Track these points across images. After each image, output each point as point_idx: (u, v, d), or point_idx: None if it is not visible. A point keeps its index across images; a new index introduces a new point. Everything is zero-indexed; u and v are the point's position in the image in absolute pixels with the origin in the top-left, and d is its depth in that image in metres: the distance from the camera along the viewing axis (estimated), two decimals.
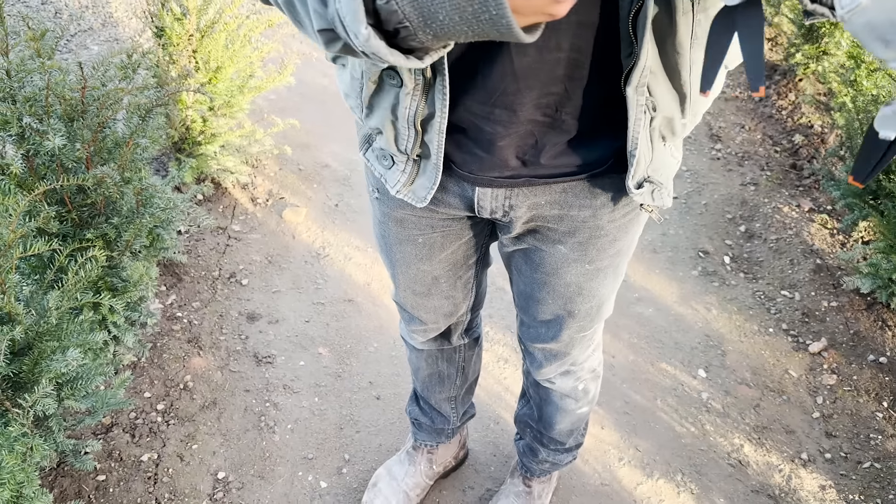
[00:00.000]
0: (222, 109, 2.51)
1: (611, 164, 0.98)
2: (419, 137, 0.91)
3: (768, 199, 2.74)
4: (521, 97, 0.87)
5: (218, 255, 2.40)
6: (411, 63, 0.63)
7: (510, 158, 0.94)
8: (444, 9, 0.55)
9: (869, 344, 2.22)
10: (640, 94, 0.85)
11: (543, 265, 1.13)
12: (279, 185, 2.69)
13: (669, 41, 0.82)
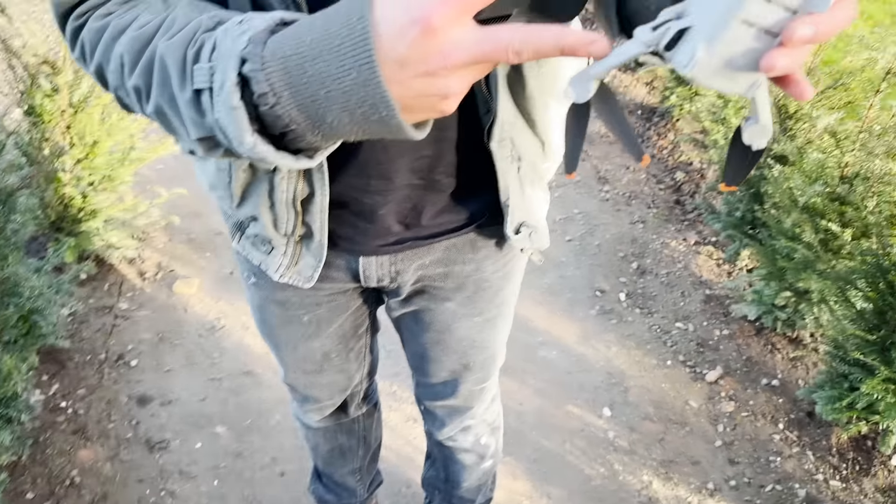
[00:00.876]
0: (103, 184, 2.41)
1: (488, 216, 1.00)
2: (300, 218, 0.90)
3: (657, 235, 2.85)
4: (394, 165, 0.87)
5: (104, 337, 2.28)
6: (301, 164, 0.60)
7: (392, 225, 0.95)
8: (332, 111, 0.53)
9: (761, 368, 2.31)
10: (504, 147, 0.88)
11: (434, 324, 1.13)
12: (169, 256, 2.59)
13: (522, 93, 0.85)
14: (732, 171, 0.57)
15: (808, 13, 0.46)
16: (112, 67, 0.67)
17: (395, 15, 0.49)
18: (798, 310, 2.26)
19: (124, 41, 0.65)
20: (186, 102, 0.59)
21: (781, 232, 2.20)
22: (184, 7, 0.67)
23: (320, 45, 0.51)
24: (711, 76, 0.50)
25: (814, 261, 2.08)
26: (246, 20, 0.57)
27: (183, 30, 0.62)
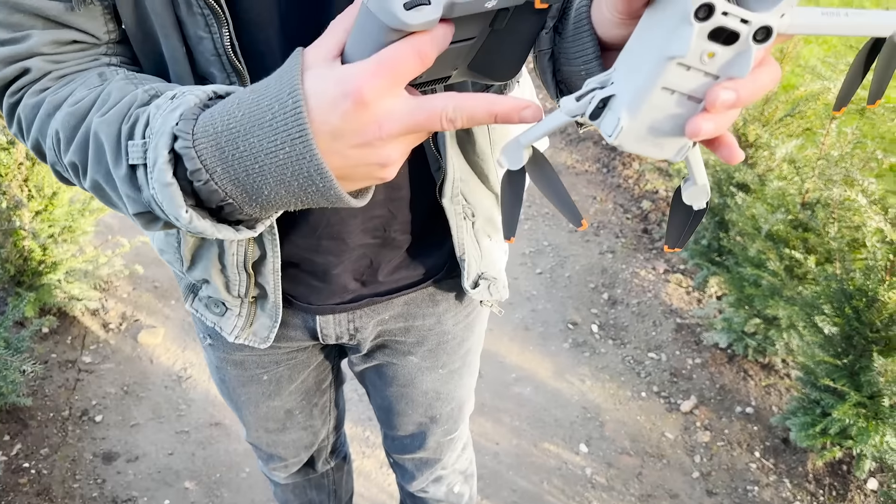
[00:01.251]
0: (63, 235, 2.37)
1: (446, 269, 0.99)
2: (252, 280, 0.88)
3: (626, 264, 2.86)
4: (347, 226, 0.86)
5: (68, 393, 2.21)
6: (242, 234, 0.59)
7: (348, 283, 0.93)
8: (267, 184, 0.52)
9: (735, 396, 2.31)
10: (457, 203, 0.88)
11: (398, 378, 1.11)
12: (133, 306, 2.54)
13: (472, 150, 0.85)
14: (675, 232, 0.57)
15: (729, 78, 0.46)
16: (48, 144, 0.66)
17: (327, 88, 0.49)
18: (768, 336, 2.27)
19: (59, 117, 0.64)
20: (122, 178, 0.59)
21: (747, 259, 2.22)
22: (119, 81, 0.66)
23: (252, 120, 0.51)
24: (637, 143, 0.50)
25: (780, 287, 2.09)
26: (178, 95, 0.57)
27: (117, 105, 0.61)
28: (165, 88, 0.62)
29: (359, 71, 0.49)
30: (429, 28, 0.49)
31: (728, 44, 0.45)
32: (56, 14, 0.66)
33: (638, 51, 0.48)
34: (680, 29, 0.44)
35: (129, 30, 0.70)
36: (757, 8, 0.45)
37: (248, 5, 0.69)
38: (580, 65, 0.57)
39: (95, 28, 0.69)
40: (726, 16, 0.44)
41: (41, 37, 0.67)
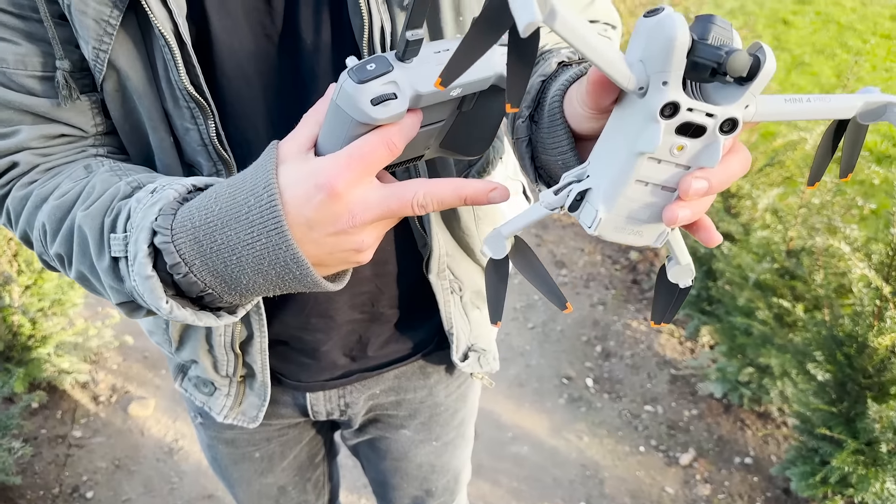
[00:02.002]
0: (52, 309, 2.36)
1: (436, 342, 0.99)
2: (240, 360, 0.88)
3: (617, 316, 2.87)
4: (334, 303, 0.86)
5: (58, 469, 2.17)
6: (224, 320, 0.61)
7: (338, 359, 0.93)
8: (245, 274, 0.54)
9: (733, 447, 2.29)
10: (443, 278, 0.88)
11: (391, 451, 1.10)
12: (123, 377, 2.52)
13: (457, 225, 0.86)
14: (661, 308, 0.59)
15: (700, 168, 0.48)
16: (36, 235, 0.68)
17: (300, 181, 0.51)
18: (762, 385, 2.27)
19: (46, 210, 0.66)
20: (105, 270, 0.61)
21: (737, 308, 2.23)
22: (103, 173, 0.67)
23: (229, 214, 0.53)
24: (617, 233, 0.52)
25: (771, 336, 2.10)
26: (159, 189, 0.59)
27: (101, 197, 0.63)
28: (148, 180, 0.64)
29: (331, 164, 0.51)
30: (397, 120, 0.51)
31: (696, 136, 0.47)
32: (44, 110, 0.69)
33: (610, 146, 0.50)
34: (648, 126, 0.46)
35: (117, 122, 0.72)
36: (721, 101, 0.46)
37: (234, 98, 0.71)
38: (556, 155, 0.59)
39: (83, 122, 0.71)
40: (692, 111, 0.45)
41: (30, 132, 0.69)
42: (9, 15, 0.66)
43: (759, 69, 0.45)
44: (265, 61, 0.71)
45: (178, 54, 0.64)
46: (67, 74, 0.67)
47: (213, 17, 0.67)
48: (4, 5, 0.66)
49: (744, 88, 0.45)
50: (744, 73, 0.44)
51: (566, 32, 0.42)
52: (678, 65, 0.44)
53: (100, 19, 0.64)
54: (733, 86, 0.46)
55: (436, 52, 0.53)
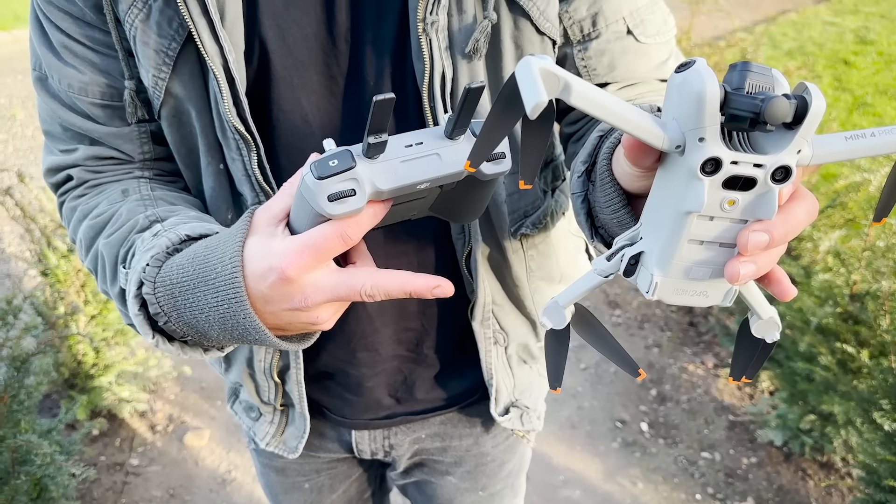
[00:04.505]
0: (115, 338, 2.44)
1: (482, 392, 0.97)
2: (280, 388, 0.89)
3: (673, 359, 2.81)
4: (380, 336, 0.87)
5: (115, 497, 2.22)
6: (212, 355, 0.67)
7: (382, 398, 0.93)
8: (213, 330, 0.60)
9: (794, 497, 2.20)
10: (487, 327, 0.87)
11: (437, 497, 1.09)
12: (180, 407, 2.57)
13: (507, 275, 0.84)
14: (742, 363, 0.55)
15: (758, 220, 0.45)
16: (77, 245, 0.77)
17: (261, 258, 0.56)
18: (825, 433, 2.18)
19: (84, 227, 0.74)
20: (115, 295, 0.69)
21: (798, 353, 2.16)
22: (133, 202, 0.74)
23: (200, 277, 0.59)
24: (678, 296, 0.49)
25: (834, 382, 2.03)
26: (160, 233, 0.66)
27: (122, 228, 0.71)
28: (166, 214, 0.71)
29: (287, 250, 0.55)
30: (354, 214, 0.53)
31: (747, 189, 0.44)
32: (99, 135, 0.76)
33: (658, 206, 0.48)
34: (691, 184, 0.44)
35: (174, 146, 0.77)
36: (771, 148, 0.44)
37: (289, 132, 0.74)
38: (610, 213, 0.58)
39: (131, 149, 0.78)
40: (736, 164, 0.43)
41: (85, 151, 0.78)
42: (80, 45, 0.73)
43: (807, 111, 0.42)
44: (326, 101, 0.74)
45: (226, 89, 0.68)
46: (133, 93, 0.72)
47: (273, 55, 0.71)
48: (77, 36, 0.72)
49: (793, 133, 0.43)
50: (786, 120, 0.42)
51: (584, 104, 0.42)
52: (712, 119, 0.42)
53: (160, 50, 0.68)
54: (782, 131, 0.44)
55: (406, 145, 0.54)
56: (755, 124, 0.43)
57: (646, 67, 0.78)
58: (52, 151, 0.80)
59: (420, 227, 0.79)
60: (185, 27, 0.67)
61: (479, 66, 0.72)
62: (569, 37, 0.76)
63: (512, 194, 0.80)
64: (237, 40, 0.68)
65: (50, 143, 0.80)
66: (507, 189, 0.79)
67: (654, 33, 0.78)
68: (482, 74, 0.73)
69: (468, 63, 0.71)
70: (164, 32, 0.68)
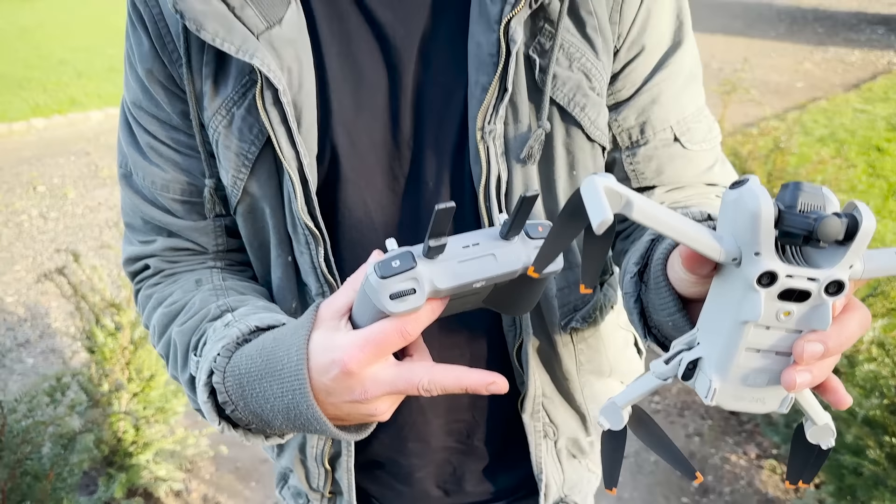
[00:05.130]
0: (155, 416, 2.46)
1: (531, 486, 0.96)
2: (330, 476, 0.91)
3: (715, 448, 2.74)
4: (431, 427, 0.88)
5: None
6: (273, 441, 0.71)
7: (431, 489, 0.93)
8: (277, 419, 0.63)
9: None
10: (537, 420, 0.88)
11: None
12: (215, 487, 2.57)
13: (557, 368, 0.86)
14: (798, 468, 0.56)
15: (812, 330, 0.47)
16: (150, 331, 0.81)
17: (324, 351, 0.59)
18: None
19: (157, 315, 0.79)
20: (185, 382, 0.73)
21: (844, 446, 2.10)
22: (205, 291, 0.79)
23: (268, 368, 0.62)
24: (736, 401, 0.51)
25: (884, 477, 1.96)
26: (231, 323, 0.70)
27: (194, 317, 0.75)
28: (236, 304, 0.75)
29: (349, 344, 0.58)
30: (414, 312, 0.57)
31: (801, 300, 0.46)
32: (177, 228, 0.82)
33: (716, 313, 0.50)
34: (748, 295, 0.46)
35: (247, 239, 0.82)
36: (824, 263, 0.46)
37: (352, 227, 0.79)
38: (665, 316, 0.61)
39: (206, 242, 0.83)
40: (791, 278, 0.45)
41: (163, 243, 0.83)
42: (165, 146, 0.79)
43: (858, 229, 0.45)
44: (388, 199, 0.78)
45: (299, 190, 0.73)
46: (213, 191, 0.77)
47: (343, 158, 0.76)
48: (163, 138, 0.78)
49: (844, 249, 0.45)
50: (838, 238, 0.44)
51: (645, 219, 0.45)
52: (767, 236, 0.45)
53: (240, 153, 0.74)
54: (834, 246, 0.46)
55: (464, 246, 0.58)
56: (808, 241, 0.45)
57: (692, 172, 0.82)
58: (131, 242, 0.85)
59: (473, 319, 0.82)
60: (265, 133, 0.72)
61: (532, 170, 0.76)
62: (618, 142, 0.80)
63: (562, 289, 0.83)
64: (311, 145, 0.74)
65: (130, 234, 0.85)
66: (558, 284, 0.82)
67: (700, 140, 0.81)
68: (535, 178, 0.77)
69: (522, 167, 0.75)
70: (245, 137, 0.73)
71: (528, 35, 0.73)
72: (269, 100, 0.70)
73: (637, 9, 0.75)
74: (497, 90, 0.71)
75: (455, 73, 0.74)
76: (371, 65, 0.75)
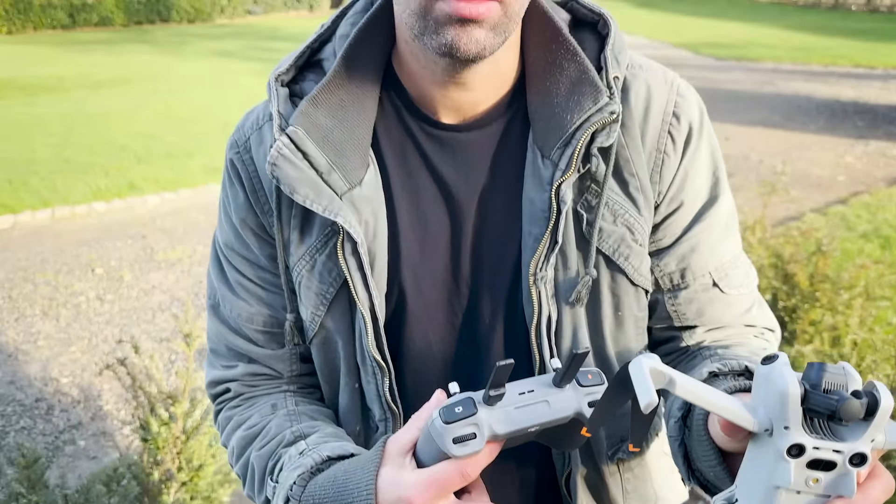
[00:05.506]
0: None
1: None
2: None
3: None
4: None
5: None
6: None
7: None
8: None
9: None
10: None
11: None
12: None
13: (605, 497, 0.91)
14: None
15: (839, 496, 0.53)
16: (228, 451, 0.89)
17: (391, 487, 0.66)
18: None
19: (237, 437, 0.87)
20: (261, 503, 0.80)
21: None
22: (280, 416, 0.87)
23: (339, 499, 0.69)
24: None
25: None
26: (306, 451, 0.77)
27: (271, 442, 0.83)
28: (309, 430, 0.83)
29: (414, 482, 0.64)
30: (474, 455, 0.63)
31: (828, 470, 0.52)
32: (256, 356, 0.91)
33: (751, 475, 0.56)
34: (779, 464, 0.53)
35: (319, 368, 0.90)
36: (848, 436, 0.53)
37: (415, 358, 0.87)
38: (707, 467, 0.67)
39: (282, 368, 0.92)
40: (818, 450, 0.52)
41: (243, 369, 0.92)
42: (252, 283, 0.89)
43: (878, 407, 0.51)
44: (448, 333, 0.86)
45: (370, 326, 0.81)
46: (292, 324, 0.86)
47: (409, 297, 0.85)
48: (251, 276, 0.88)
49: (866, 425, 0.51)
50: (859, 418, 0.51)
51: (686, 395, 0.53)
52: (795, 412, 0.52)
53: (319, 293, 0.83)
54: (857, 422, 0.52)
55: (520, 392, 0.65)
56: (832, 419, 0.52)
57: (731, 314, 0.88)
58: (214, 366, 0.94)
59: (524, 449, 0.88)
60: (342, 277, 0.82)
61: (580, 311, 0.84)
62: (660, 285, 0.88)
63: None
64: (381, 285, 0.83)
65: (214, 358, 0.95)
66: None
67: (738, 285, 0.88)
68: (583, 318, 0.84)
69: (571, 308, 0.83)
70: (325, 280, 0.83)
71: (576, 193, 0.81)
72: (348, 250, 0.79)
73: (675, 170, 0.84)
74: (548, 241, 0.79)
75: (510, 223, 0.83)
76: (436, 215, 0.84)
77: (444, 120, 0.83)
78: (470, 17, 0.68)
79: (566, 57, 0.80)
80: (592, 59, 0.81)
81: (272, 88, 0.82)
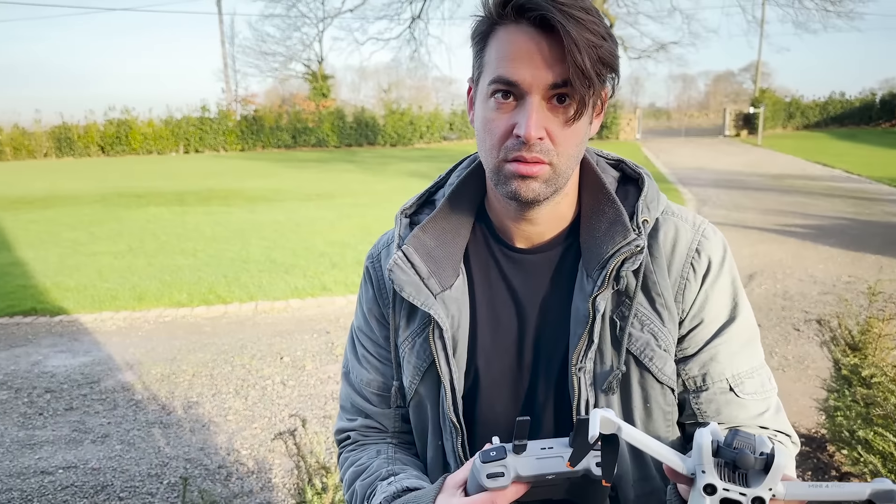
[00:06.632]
0: None
1: None
2: None
3: None
4: None
5: None
6: None
7: None
8: None
9: None
10: None
11: None
12: None
13: None
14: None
15: None
16: (343, 483, 1.17)
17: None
18: None
19: (349, 472, 1.16)
20: None
21: None
22: (381, 459, 1.15)
23: None
24: None
25: None
26: (392, 482, 1.05)
27: (371, 476, 1.11)
28: (398, 470, 1.10)
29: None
30: (502, 489, 0.86)
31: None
32: (371, 413, 1.20)
33: None
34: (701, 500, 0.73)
35: (414, 425, 1.19)
36: (753, 484, 0.72)
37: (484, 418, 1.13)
38: None
39: (388, 424, 1.21)
40: (728, 491, 0.71)
41: (361, 422, 1.21)
42: (372, 356, 1.21)
43: (773, 462, 0.70)
44: (511, 407, 1.12)
45: (450, 395, 1.09)
46: (397, 389, 1.16)
47: (482, 375, 1.12)
48: (372, 351, 1.20)
49: (765, 476, 0.71)
50: (755, 468, 0.70)
51: (631, 440, 0.75)
52: (708, 460, 0.72)
53: (416, 366, 1.13)
54: (761, 474, 0.71)
55: (542, 447, 0.88)
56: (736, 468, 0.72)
57: (745, 416, 1.06)
58: (341, 418, 1.26)
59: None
60: (432, 356, 1.11)
61: (614, 398, 1.06)
62: (686, 387, 1.08)
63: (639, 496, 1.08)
64: (461, 365, 1.11)
65: (342, 413, 1.26)
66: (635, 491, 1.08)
67: (752, 392, 1.07)
68: (616, 404, 1.06)
69: (605, 396, 1.06)
70: (420, 356, 1.13)
71: (613, 304, 1.06)
72: (437, 335, 1.09)
73: (696, 294, 1.06)
74: (586, 340, 1.04)
75: (562, 325, 1.09)
76: (507, 315, 1.12)
77: (518, 245, 1.12)
78: (528, 174, 0.98)
79: (607, 204, 1.07)
80: (631, 205, 1.08)
81: (398, 219, 1.16)
